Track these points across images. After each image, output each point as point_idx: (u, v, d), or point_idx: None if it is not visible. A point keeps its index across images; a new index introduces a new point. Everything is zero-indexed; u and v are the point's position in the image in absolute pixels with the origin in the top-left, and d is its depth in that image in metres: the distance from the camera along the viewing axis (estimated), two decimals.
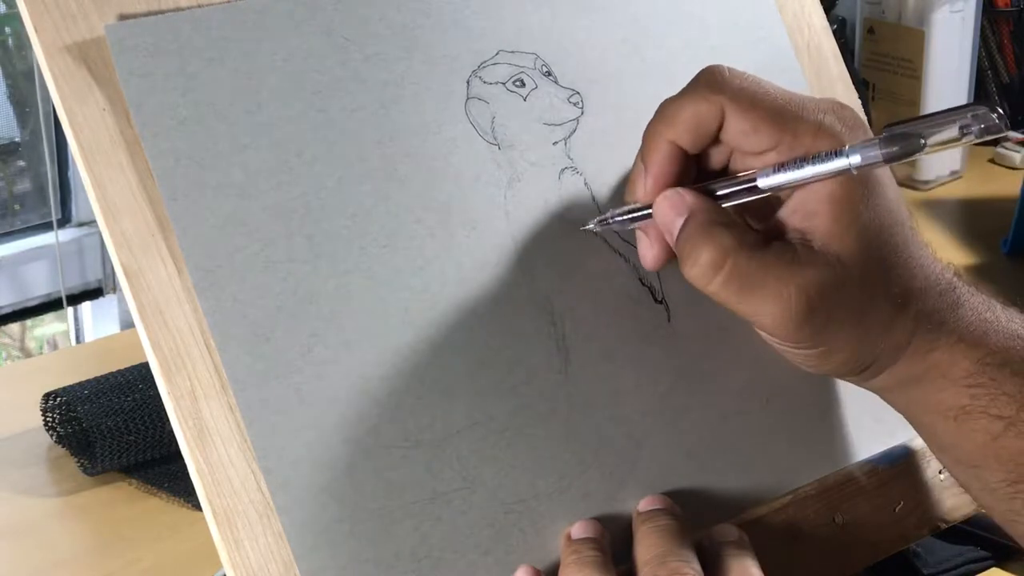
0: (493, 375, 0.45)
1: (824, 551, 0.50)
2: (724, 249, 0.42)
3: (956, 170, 1.22)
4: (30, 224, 1.58)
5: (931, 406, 0.44)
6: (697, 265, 0.42)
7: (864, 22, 1.23)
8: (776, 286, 0.42)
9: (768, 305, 0.42)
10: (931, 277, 0.44)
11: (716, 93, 0.43)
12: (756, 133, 0.43)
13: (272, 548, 0.40)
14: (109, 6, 0.43)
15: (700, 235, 0.42)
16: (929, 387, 0.44)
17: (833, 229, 0.42)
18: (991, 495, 0.44)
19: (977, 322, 0.44)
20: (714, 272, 0.42)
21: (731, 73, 0.44)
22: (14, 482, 0.74)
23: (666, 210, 0.44)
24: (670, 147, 0.44)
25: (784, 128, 0.42)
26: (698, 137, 0.44)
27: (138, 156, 0.42)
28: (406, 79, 0.46)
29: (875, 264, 0.42)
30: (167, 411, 0.41)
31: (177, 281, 0.41)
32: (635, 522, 0.45)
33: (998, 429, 0.42)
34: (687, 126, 0.44)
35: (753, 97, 0.43)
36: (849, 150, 0.40)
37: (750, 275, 0.42)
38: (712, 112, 0.43)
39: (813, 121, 0.42)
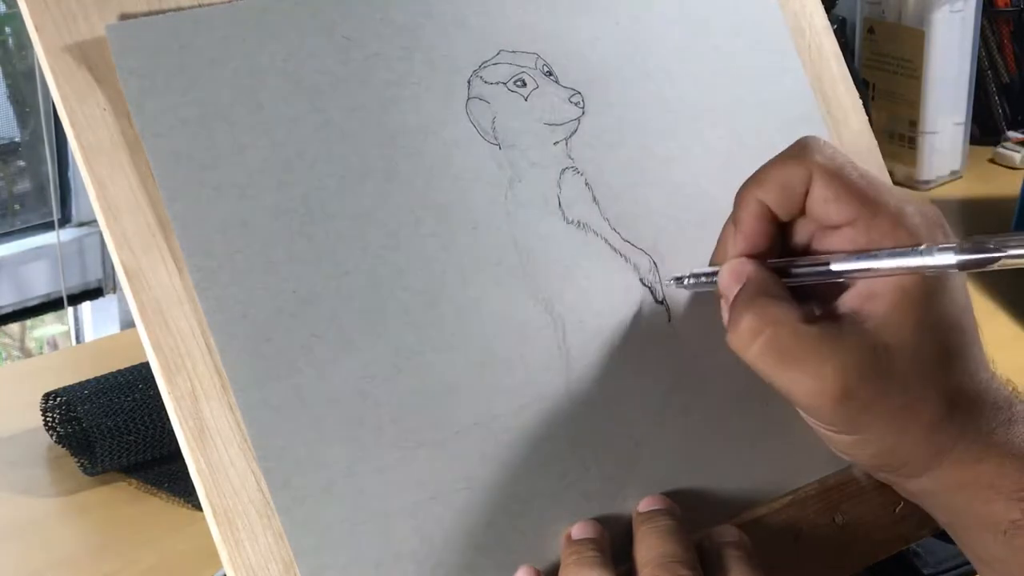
0: (493, 375, 0.45)
1: (824, 551, 0.50)
2: (764, 318, 0.42)
3: (956, 170, 1.22)
4: (30, 224, 1.58)
5: (978, 518, 0.43)
6: (737, 331, 0.42)
7: (864, 22, 1.23)
8: (814, 363, 0.41)
9: (804, 381, 0.41)
10: (986, 390, 0.43)
11: (806, 159, 0.43)
12: (837, 202, 0.42)
13: (272, 548, 0.40)
14: (110, 6, 0.43)
15: (745, 303, 0.42)
16: (976, 497, 0.43)
17: (891, 317, 0.41)
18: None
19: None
20: (751, 339, 0.42)
21: (824, 143, 0.44)
22: (14, 482, 0.74)
23: (726, 277, 0.44)
24: (759, 206, 0.44)
25: (865, 204, 0.42)
26: (786, 199, 0.44)
27: (138, 156, 0.42)
28: (406, 79, 0.46)
29: (926, 361, 0.41)
30: (167, 411, 0.41)
31: (177, 281, 0.41)
32: (635, 522, 0.45)
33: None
34: (775, 185, 0.44)
35: (841, 168, 0.43)
36: (924, 250, 0.40)
37: (789, 348, 0.41)
38: (800, 175, 0.43)
39: (895, 207, 0.42)
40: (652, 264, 0.49)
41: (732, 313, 0.43)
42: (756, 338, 0.42)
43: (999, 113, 1.30)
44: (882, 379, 0.41)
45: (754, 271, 0.44)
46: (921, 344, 0.41)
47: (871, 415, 0.41)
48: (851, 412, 0.41)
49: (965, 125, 1.21)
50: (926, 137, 1.19)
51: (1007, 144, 1.26)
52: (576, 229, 0.48)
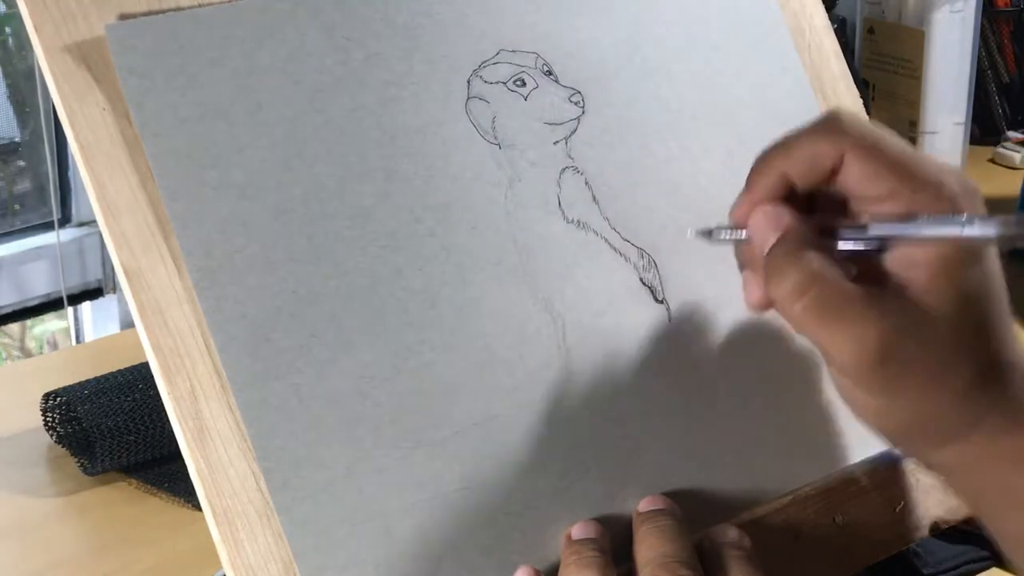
0: (493, 375, 0.45)
1: (824, 551, 0.50)
2: (812, 274, 0.41)
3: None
4: (30, 224, 1.58)
5: (1006, 491, 0.42)
6: (782, 286, 0.42)
7: (864, 22, 1.23)
8: (858, 323, 0.40)
9: (845, 340, 0.41)
10: (1017, 360, 0.43)
11: (839, 135, 0.43)
12: (878, 178, 0.42)
13: (272, 548, 0.40)
14: (109, 6, 0.43)
15: (790, 255, 0.42)
16: (1003, 471, 0.42)
17: (932, 284, 0.41)
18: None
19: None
20: (798, 296, 0.41)
21: (854, 118, 0.43)
22: (14, 482, 0.74)
23: (761, 224, 0.44)
24: (779, 177, 0.44)
25: (905, 178, 0.42)
26: (811, 173, 0.43)
27: (138, 156, 0.42)
28: (406, 79, 0.46)
29: (964, 330, 0.41)
30: (167, 411, 0.41)
31: (177, 281, 0.41)
32: (635, 522, 0.45)
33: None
34: (802, 158, 0.43)
35: (877, 143, 0.42)
36: (967, 220, 0.40)
37: (834, 307, 0.41)
38: (831, 152, 0.43)
39: (935, 178, 0.42)
40: (652, 263, 0.49)
41: (772, 265, 0.42)
42: (802, 295, 0.41)
43: (999, 113, 1.30)
44: (921, 345, 0.41)
45: (793, 221, 0.43)
46: (959, 313, 0.41)
47: (906, 379, 0.41)
48: (888, 375, 0.41)
49: (965, 125, 1.21)
50: (926, 137, 1.19)
51: (1007, 144, 1.26)
52: (576, 228, 0.48)
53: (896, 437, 0.45)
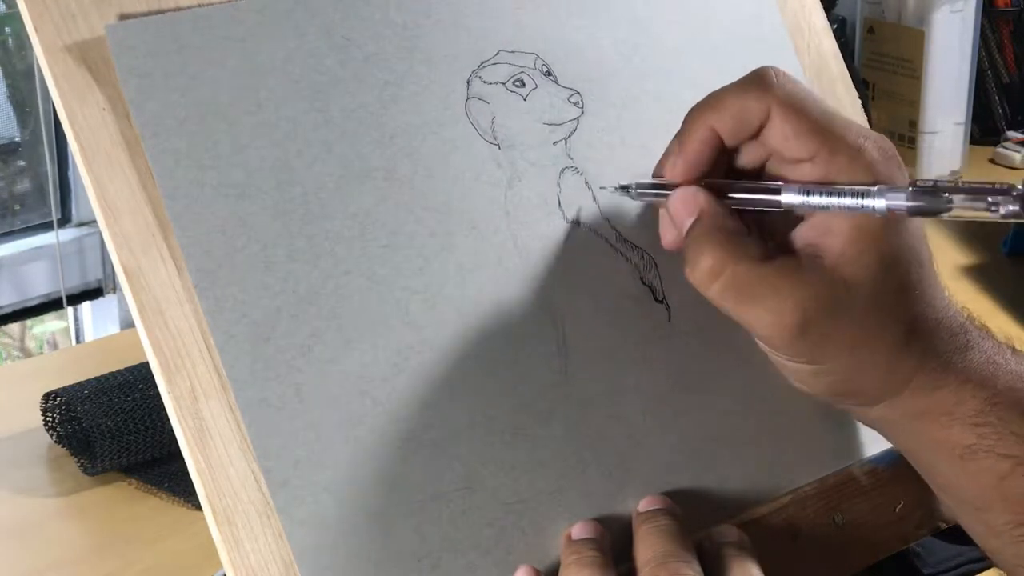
0: (493, 375, 0.45)
1: (824, 551, 0.50)
2: (724, 257, 0.42)
3: (956, 170, 1.22)
4: (30, 224, 1.58)
5: (935, 444, 0.44)
6: (697, 270, 0.43)
7: (864, 22, 1.23)
8: (774, 299, 0.41)
9: (763, 316, 0.42)
10: (943, 318, 0.44)
11: (767, 92, 0.43)
12: (797, 139, 0.43)
13: (272, 548, 0.40)
14: (109, 6, 0.43)
15: (703, 240, 0.43)
16: (933, 424, 0.43)
17: (848, 251, 0.42)
18: (996, 539, 0.43)
19: (986, 364, 0.43)
20: (712, 279, 0.42)
21: (784, 76, 0.44)
22: (14, 482, 0.74)
23: (678, 207, 0.44)
24: (709, 133, 0.44)
25: (824, 142, 0.42)
26: (739, 129, 0.44)
27: (138, 156, 0.42)
28: (406, 79, 0.46)
29: (884, 294, 0.42)
30: (167, 411, 0.41)
31: (177, 281, 0.41)
32: (635, 522, 0.45)
33: (1005, 469, 0.42)
34: (731, 115, 0.44)
35: (802, 104, 0.43)
36: (877, 192, 0.40)
37: (749, 285, 0.42)
38: (759, 109, 0.43)
39: (854, 143, 0.42)
40: (652, 263, 0.49)
41: (690, 249, 0.43)
42: (716, 278, 0.42)
43: (999, 113, 1.30)
44: (840, 313, 0.42)
45: (708, 204, 0.44)
46: (879, 278, 0.42)
47: (830, 346, 0.42)
48: (810, 344, 0.42)
49: (965, 125, 1.21)
50: (926, 137, 1.19)
51: (1007, 144, 1.26)
52: (576, 228, 0.48)
53: (830, 398, 0.46)
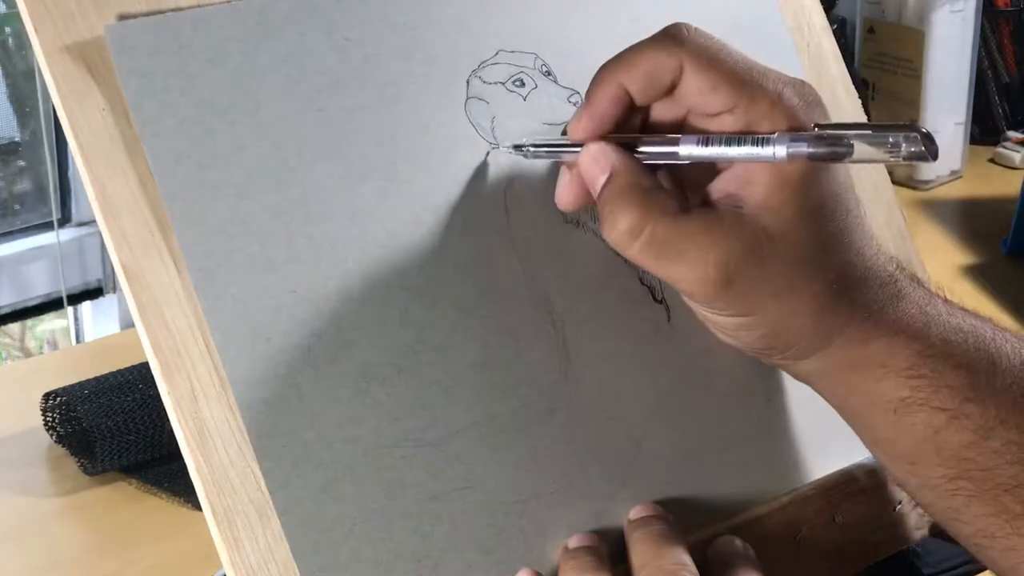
0: (493, 375, 0.45)
1: (824, 551, 0.50)
2: (642, 215, 0.41)
3: (956, 170, 1.22)
4: (30, 224, 1.58)
5: (868, 396, 0.43)
6: (615, 230, 0.42)
7: (864, 22, 1.23)
8: (695, 254, 0.41)
9: (686, 271, 0.41)
10: (872, 268, 0.43)
11: (678, 47, 0.42)
12: (714, 92, 0.42)
13: (272, 548, 0.40)
14: (109, 6, 0.43)
15: (619, 199, 0.42)
16: (866, 376, 0.43)
17: (767, 202, 0.41)
18: (930, 492, 0.43)
19: (918, 315, 0.43)
20: (632, 238, 0.41)
21: (696, 31, 0.43)
22: (14, 482, 0.74)
23: (589, 164, 0.43)
24: (617, 89, 0.43)
25: (742, 92, 0.41)
26: (649, 87, 0.43)
27: (138, 156, 0.42)
28: (406, 79, 0.46)
29: (809, 244, 0.41)
30: (167, 411, 0.41)
31: (177, 281, 0.41)
32: (627, 530, 0.45)
33: (940, 422, 0.41)
34: (641, 72, 0.43)
35: (715, 57, 0.42)
36: (777, 139, 0.40)
37: (669, 242, 0.41)
38: (669, 65, 0.42)
39: (773, 90, 0.41)
40: None
41: (605, 208, 0.42)
42: (636, 236, 0.41)
43: (999, 113, 1.30)
44: (764, 264, 0.41)
45: (620, 161, 0.43)
46: (802, 227, 0.41)
47: (755, 298, 0.42)
48: (735, 295, 0.41)
49: (965, 125, 1.21)
50: None
51: (1007, 144, 1.26)
52: (575, 228, 0.48)
53: (758, 351, 0.45)
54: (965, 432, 0.41)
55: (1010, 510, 0.41)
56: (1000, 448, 0.41)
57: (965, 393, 0.41)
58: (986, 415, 0.41)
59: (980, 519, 0.41)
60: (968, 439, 0.41)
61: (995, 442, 0.41)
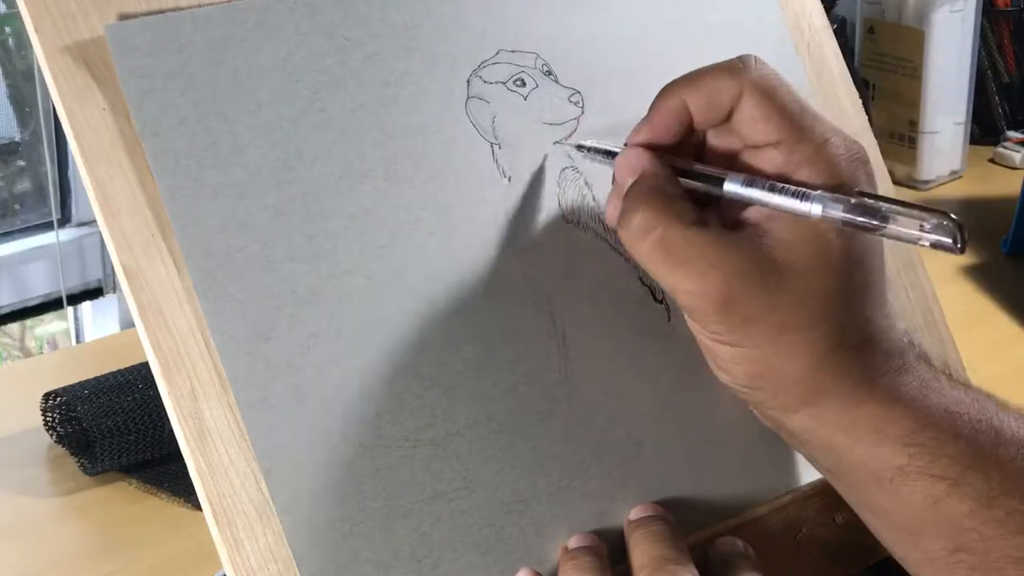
0: (493, 375, 0.45)
1: (824, 551, 0.50)
2: (658, 216, 0.41)
3: (956, 170, 1.22)
4: (30, 224, 1.58)
5: (863, 464, 0.42)
6: (629, 226, 0.42)
7: (864, 22, 1.23)
8: (700, 266, 0.40)
9: (687, 282, 0.41)
10: (879, 337, 0.42)
11: (741, 73, 0.42)
12: (765, 122, 0.42)
13: (272, 548, 0.40)
14: (109, 6, 0.43)
15: (640, 197, 0.42)
16: (860, 440, 0.41)
17: (789, 238, 0.41)
18: (931, 566, 0.41)
19: (919, 387, 0.42)
20: (643, 236, 0.41)
21: (763, 64, 0.43)
22: (14, 482, 0.74)
23: (622, 166, 0.44)
24: (679, 105, 0.44)
25: (791, 129, 0.42)
26: (709, 107, 0.43)
27: (138, 156, 0.42)
28: (406, 79, 0.46)
29: (818, 291, 0.41)
30: (167, 411, 0.41)
31: (177, 281, 0.41)
32: (627, 530, 0.45)
33: (940, 492, 0.40)
34: (703, 91, 0.43)
35: (774, 90, 0.42)
36: (816, 196, 0.40)
37: (677, 248, 0.41)
38: (730, 88, 0.43)
39: (820, 134, 0.41)
40: None
41: (625, 206, 0.42)
42: (647, 236, 0.41)
43: (999, 113, 1.30)
44: (768, 295, 0.40)
45: (650, 165, 0.43)
46: (817, 272, 0.41)
47: (753, 328, 0.41)
48: (733, 321, 0.41)
49: (965, 125, 1.21)
50: (926, 137, 1.19)
51: (1007, 144, 1.26)
52: (575, 228, 0.48)
53: (747, 392, 0.44)
54: (967, 501, 0.40)
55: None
56: (1004, 518, 0.39)
57: (966, 462, 0.40)
58: (989, 483, 0.40)
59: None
60: (970, 508, 0.40)
61: (999, 511, 0.39)
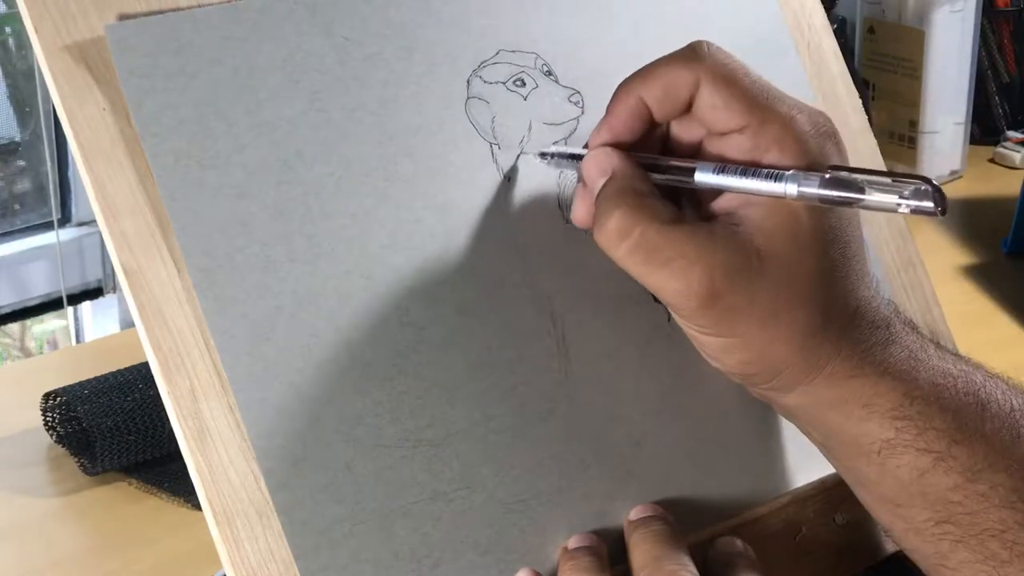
0: (493, 375, 0.45)
1: (824, 551, 0.50)
2: (633, 218, 0.41)
3: (956, 170, 1.22)
4: (30, 224, 1.58)
5: (853, 438, 0.42)
6: (605, 230, 0.42)
7: (864, 22, 1.23)
8: (682, 264, 0.40)
9: (671, 281, 0.41)
10: (864, 307, 0.42)
11: (696, 62, 0.42)
12: (727, 109, 0.41)
13: (272, 548, 0.40)
14: (109, 6, 0.43)
15: (614, 199, 0.42)
16: (850, 415, 0.42)
17: (765, 223, 0.41)
18: (916, 536, 0.42)
19: (907, 359, 0.42)
20: (620, 239, 0.41)
21: (716, 49, 0.43)
22: (14, 482, 0.74)
23: (591, 167, 0.43)
24: (636, 102, 0.43)
25: (754, 112, 0.41)
26: (667, 100, 0.43)
27: (138, 156, 0.42)
28: (406, 79, 0.46)
29: (799, 272, 0.41)
30: (167, 411, 0.41)
31: (177, 281, 0.41)
32: (627, 531, 0.45)
33: (926, 465, 0.41)
34: (659, 85, 0.43)
35: (732, 75, 0.42)
36: (790, 176, 0.39)
37: (656, 248, 0.41)
38: (687, 79, 0.42)
39: (785, 114, 0.41)
40: None
41: (599, 209, 0.42)
42: (625, 239, 0.41)
43: (999, 113, 1.30)
44: (751, 283, 0.40)
45: (620, 165, 0.43)
46: (796, 254, 0.41)
47: (740, 318, 0.41)
48: (719, 314, 0.41)
49: (965, 125, 1.21)
50: (926, 137, 1.19)
51: (1007, 144, 1.26)
52: (575, 228, 0.48)
53: (742, 377, 0.44)
54: (952, 475, 0.40)
55: (997, 556, 0.40)
56: (988, 492, 0.40)
57: (952, 436, 0.40)
58: (974, 458, 0.40)
59: (967, 565, 0.40)
60: (955, 482, 0.40)
61: (982, 485, 0.40)
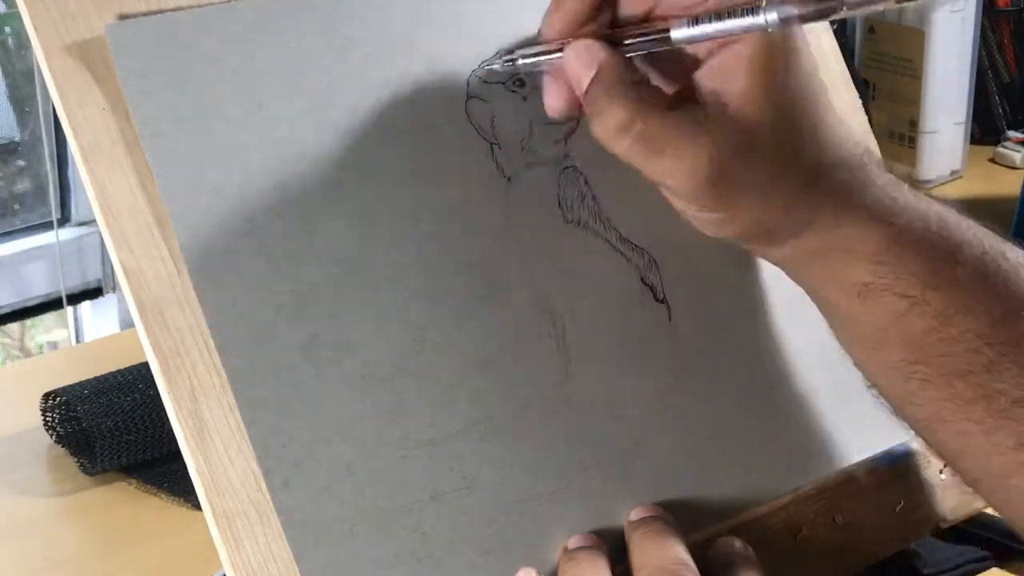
0: (493, 375, 0.45)
1: (824, 551, 0.50)
2: (633, 110, 0.41)
3: (956, 170, 1.22)
4: (30, 224, 1.58)
5: (835, 281, 0.44)
6: (604, 126, 0.42)
7: (864, 22, 1.23)
8: (686, 148, 0.41)
9: (676, 168, 0.41)
10: (844, 153, 0.43)
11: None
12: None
13: (272, 548, 0.40)
14: (109, 6, 0.43)
15: (609, 94, 0.42)
16: (834, 262, 0.43)
17: (749, 93, 0.41)
18: (888, 374, 0.44)
19: (886, 200, 0.43)
20: (622, 133, 0.41)
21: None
22: (14, 482, 0.74)
23: (575, 63, 0.43)
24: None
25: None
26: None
27: (138, 156, 0.42)
28: (406, 79, 0.46)
29: (789, 133, 0.42)
30: (167, 411, 0.41)
31: (177, 281, 0.41)
32: (627, 531, 0.45)
33: (902, 308, 0.42)
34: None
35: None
36: (767, 6, 0.38)
37: (659, 137, 0.41)
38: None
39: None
40: (652, 262, 0.49)
41: (595, 106, 0.42)
42: (627, 132, 0.41)
43: (999, 113, 1.30)
44: (750, 157, 0.41)
45: (606, 57, 0.42)
46: (783, 114, 0.42)
47: (740, 191, 0.42)
48: (721, 190, 0.42)
49: (965, 125, 1.21)
50: (926, 137, 1.19)
51: (1007, 144, 1.26)
52: (575, 228, 0.48)
53: (737, 241, 0.45)
54: (925, 318, 0.42)
55: (961, 395, 0.41)
56: (957, 336, 0.42)
57: (926, 280, 0.42)
58: (946, 303, 0.42)
59: (933, 403, 0.42)
60: (928, 325, 0.42)
61: (953, 329, 0.42)
